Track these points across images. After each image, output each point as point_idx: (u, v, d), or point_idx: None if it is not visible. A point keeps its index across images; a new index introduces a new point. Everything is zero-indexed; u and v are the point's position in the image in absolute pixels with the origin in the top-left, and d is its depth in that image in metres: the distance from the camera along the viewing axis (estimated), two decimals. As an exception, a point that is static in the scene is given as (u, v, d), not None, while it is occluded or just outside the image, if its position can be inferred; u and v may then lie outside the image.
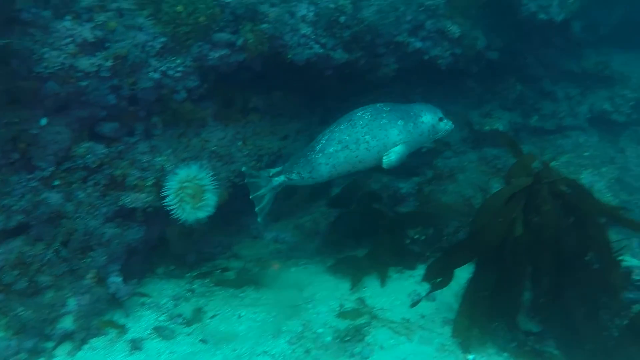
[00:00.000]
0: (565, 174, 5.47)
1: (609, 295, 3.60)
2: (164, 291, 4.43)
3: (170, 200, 4.01)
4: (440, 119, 4.36)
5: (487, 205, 3.68)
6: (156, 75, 4.13)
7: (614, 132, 6.03)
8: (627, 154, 5.74)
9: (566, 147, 6.02)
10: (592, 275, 3.58)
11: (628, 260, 4.51)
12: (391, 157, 4.13)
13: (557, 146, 6.03)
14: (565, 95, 6.16)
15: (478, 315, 3.68)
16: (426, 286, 4.05)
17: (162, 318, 4.12)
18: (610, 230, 3.66)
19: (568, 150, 5.97)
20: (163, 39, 4.10)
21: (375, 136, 4.11)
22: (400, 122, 4.16)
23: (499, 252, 3.55)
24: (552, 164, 5.67)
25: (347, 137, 4.12)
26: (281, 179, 4.32)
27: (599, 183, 5.50)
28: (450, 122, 4.45)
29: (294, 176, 4.28)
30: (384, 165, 4.15)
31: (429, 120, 4.29)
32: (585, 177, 5.57)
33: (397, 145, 4.14)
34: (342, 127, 4.18)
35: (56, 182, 3.89)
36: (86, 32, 3.80)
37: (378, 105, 4.29)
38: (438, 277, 3.83)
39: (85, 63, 3.79)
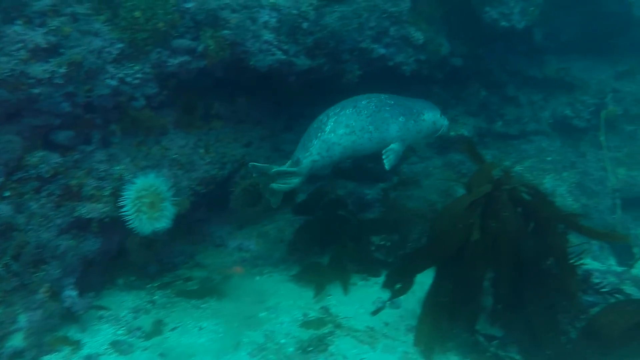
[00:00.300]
0: (528, 178, 5.63)
1: (567, 299, 3.64)
2: (123, 303, 4.31)
3: (128, 211, 3.90)
4: (440, 115, 4.45)
5: (446, 212, 3.70)
6: (113, 82, 4.03)
7: (575, 137, 6.15)
8: (587, 159, 5.85)
9: (530, 152, 6.10)
10: (551, 280, 3.61)
11: (589, 263, 4.59)
12: (390, 157, 4.17)
13: (521, 151, 6.11)
14: (528, 101, 6.25)
15: (439, 322, 3.67)
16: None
17: (120, 332, 4.01)
18: (572, 233, 3.71)
19: (532, 155, 6.05)
20: (120, 45, 4.01)
21: (377, 128, 4.14)
22: (401, 119, 4.21)
23: (458, 258, 3.56)
24: (516, 168, 5.82)
25: (354, 123, 4.12)
26: (308, 163, 4.15)
27: (560, 187, 5.60)
28: (446, 119, 4.56)
29: (316, 157, 4.13)
30: (387, 167, 4.18)
31: (430, 118, 4.38)
32: (548, 182, 5.67)
33: (394, 141, 4.17)
34: (347, 112, 4.17)
35: (7, 193, 3.75)
36: (38, 37, 3.69)
37: (382, 96, 4.31)
38: (398, 283, 3.82)
39: (37, 69, 3.67)
